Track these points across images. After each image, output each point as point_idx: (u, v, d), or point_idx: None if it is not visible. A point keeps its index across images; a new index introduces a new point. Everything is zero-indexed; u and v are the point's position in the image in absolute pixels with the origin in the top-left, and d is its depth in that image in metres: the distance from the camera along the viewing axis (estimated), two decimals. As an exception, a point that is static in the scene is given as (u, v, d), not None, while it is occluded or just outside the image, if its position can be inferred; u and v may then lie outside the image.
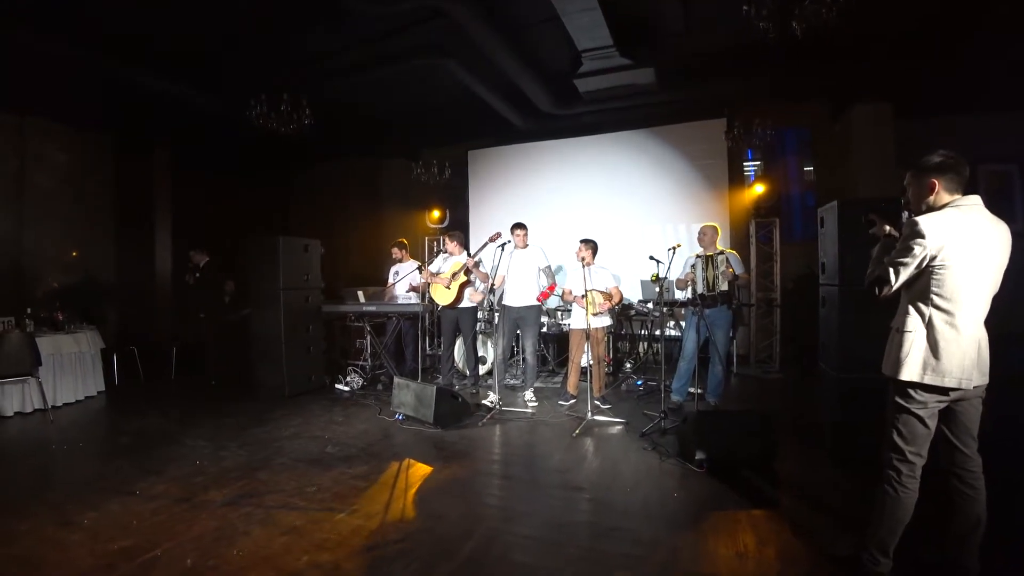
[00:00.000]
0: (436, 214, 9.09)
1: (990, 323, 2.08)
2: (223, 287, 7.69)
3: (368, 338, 6.30)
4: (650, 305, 6.46)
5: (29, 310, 5.29)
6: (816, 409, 4.06)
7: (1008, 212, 6.19)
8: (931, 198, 2.09)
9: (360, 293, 6.02)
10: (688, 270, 4.95)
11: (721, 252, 4.85)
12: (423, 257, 8.45)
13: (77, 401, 5.39)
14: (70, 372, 5.35)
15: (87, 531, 2.70)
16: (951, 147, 2.09)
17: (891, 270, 2.06)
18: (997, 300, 2.08)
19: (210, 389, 6.08)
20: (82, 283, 7.22)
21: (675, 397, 4.97)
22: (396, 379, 4.89)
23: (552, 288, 5.20)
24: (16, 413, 4.88)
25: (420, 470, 3.60)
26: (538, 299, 5.13)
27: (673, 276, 4.90)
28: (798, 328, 6.66)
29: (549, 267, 5.24)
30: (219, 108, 6.44)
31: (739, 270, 4.81)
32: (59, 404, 5.17)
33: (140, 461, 3.74)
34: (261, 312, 5.84)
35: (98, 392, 5.70)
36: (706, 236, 4.97)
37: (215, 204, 8.99)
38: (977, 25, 4.86)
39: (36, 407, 4.97)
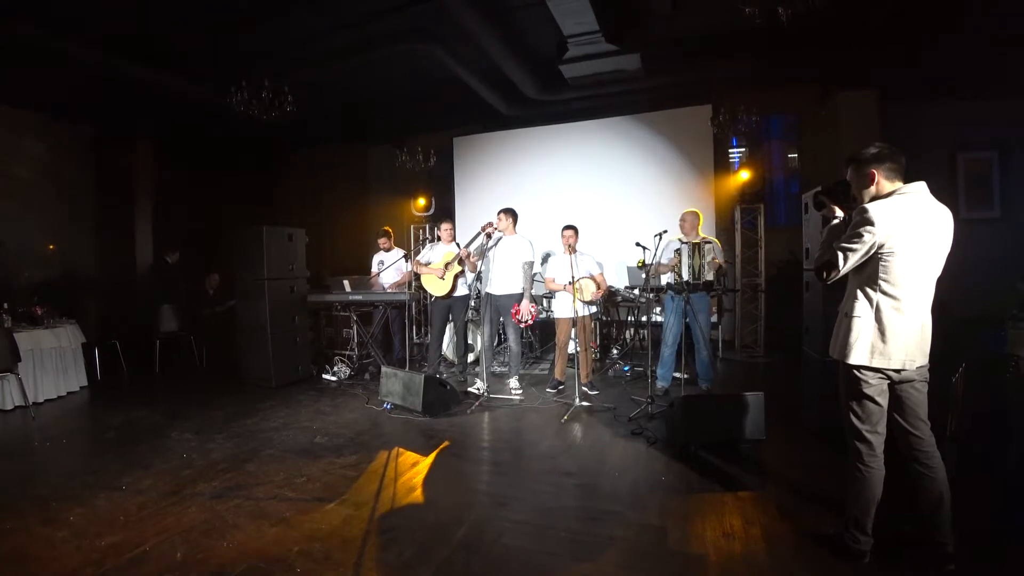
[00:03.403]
0: (422, 202, 9.01)
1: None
2: (207, 280, 7.60)
3: (355, 327, 6.26)
4: (636, 291, 6.50)
5: (6, 305, 5.17)
6: (801, 392, 4.13)
7: (987, 199, 6.28)
8: (872, 188, 2.17)
9: (346, 282, 5.97)
10: (672, 255, 4.94)
11: (708, 241, 4.88)
12: (409, 245, 8.39)
13: (59, 397, 5.30)
14: (51, 367, 5.25)
15: (74, 528, 2.67)
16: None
17: (840, 255, 2.12)
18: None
19: (196, 381, 6.01)
20: (62, 276, 7.07)
21: (660, 383, 5.02)
22: (384, 368, 4.87)
23: (518, 311, 4.94)
24: (-4, 410, 4.79)
25: (410, 458, 3.61)
26: (513, 316, 5.02)
27: (661, 262, 4.92)
28: (782, 313, 6.74)
29: (532, 263, 5.08)
30: (201, 96, 6.28)
31: (721, 259, 4.89)
32: (40, 400, 5.08)
33: (126, 455, 3.70)
34: (246, 303, 5.78)
35: (80, 387, 5.61)
36: (687, 222, 4.99)
37: (198, 194, 8.82)
38: (960, 10, 4.89)
39: (17, 404, 4.88)
